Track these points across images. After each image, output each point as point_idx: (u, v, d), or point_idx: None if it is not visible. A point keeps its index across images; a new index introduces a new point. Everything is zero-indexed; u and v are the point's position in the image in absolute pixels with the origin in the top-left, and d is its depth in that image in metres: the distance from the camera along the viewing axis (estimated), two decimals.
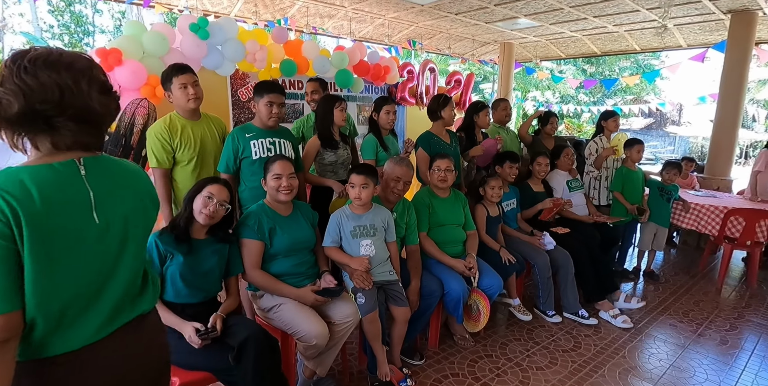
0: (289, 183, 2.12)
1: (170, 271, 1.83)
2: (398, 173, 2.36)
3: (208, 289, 1.93)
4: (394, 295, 2.29)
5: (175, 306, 1.83)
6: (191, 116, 2.49)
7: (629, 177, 3.83)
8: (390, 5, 5.02)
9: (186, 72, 2.40)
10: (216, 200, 1.87)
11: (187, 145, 2.44)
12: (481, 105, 3.52)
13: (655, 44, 6.24)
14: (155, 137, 2.37)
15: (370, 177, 2.18)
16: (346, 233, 2.23)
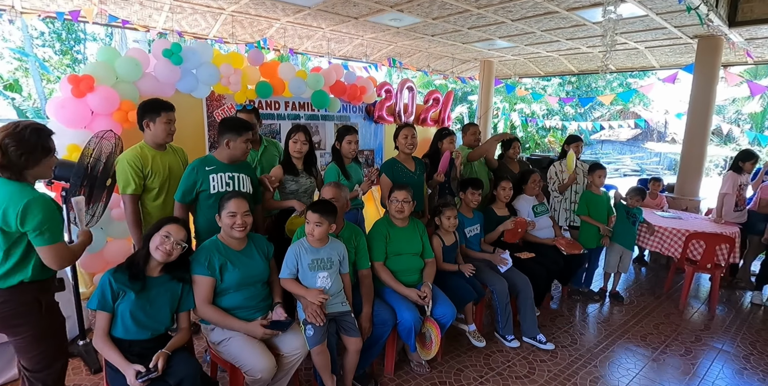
0: (244, 221, 2.18)
1: (121, 308, 1.89)
2: (325, 192, 2.46)
3: (157, 327, 1.97)
4: (345, 326, 2.35)
5: (123, 342, 1.88)
6: (159, 147, 2.63)
7: (593, 201, 3.92)
8: (366, 27, 5.13)
9: (173, 110, 2.60)
10: (173, 240, 1.93)
11: (157, 173, 2.57)
12: (446, 132, 3.60)
13: (629, 64, 6.38)
14: (128, 164, 2.48)
15: (325, 216, 2.24)
16: (303, 265, 2.29)
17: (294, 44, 5.72)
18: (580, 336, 3.31)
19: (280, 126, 5.01)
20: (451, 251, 3.12)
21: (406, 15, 4.47)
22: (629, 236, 3.96)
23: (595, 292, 4.09)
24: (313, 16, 4.69)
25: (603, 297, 4.08)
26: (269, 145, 3.30)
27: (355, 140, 3.17)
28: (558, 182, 4.08)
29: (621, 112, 18.00)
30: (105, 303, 1.86)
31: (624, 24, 4.54)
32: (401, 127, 3.20)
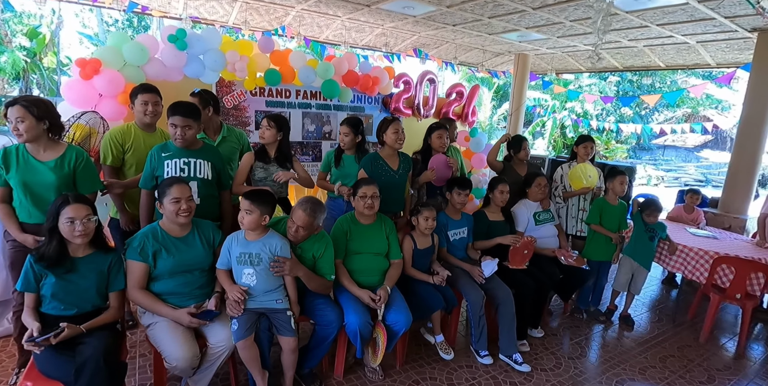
0: (189, 206, 2.13)
1: (44, 289, 1.91)
2: (295, 217, 2.26)
3: (82, 305, 1.97)
4: (278, 324, 2.23)
5: (50, 317, 1.90)
6: (146, 128, 2.79)
7: (607, 211, 3.52)
8: (384, 15, 4.93)
9: (149, 92, 2.71)
10: (79, 221, 1.89)
11: (136, 150, 2.71)
12: (434, 126, 3.36)
13: (680, 61, 5.68)
14: (110, 139, 2.68)
15: (256, 204, 2.13)
16: (232, 258, 2.20)
17: (313, 32, 5.65)
18: (567, 361, 2.98)
19: (290, 114, 4.97)
20: (425, 255, 2.90)
21: (417, 2, 4.23)
22: (645, 252, 3.52)
23: (602, 312, 3.68)
24: (325, 4, 4.58)
25: (610, 319, 3.66)
26: (229, 135, 3.20)
27: (344, 132, 3.15)
28: (562, 187, 3.69)
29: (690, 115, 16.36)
30: (29, 285, 1.90)
31: (663, 14, 4.01)
32: (390, 120, 3.01)
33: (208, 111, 3.06)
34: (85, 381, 1.71)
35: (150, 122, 2.75)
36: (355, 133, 3.09)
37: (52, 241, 1.90)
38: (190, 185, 2.57)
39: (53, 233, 1.90)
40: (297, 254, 2.36)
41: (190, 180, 2.57)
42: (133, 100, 2.72)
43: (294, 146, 5.05)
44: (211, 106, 3.10)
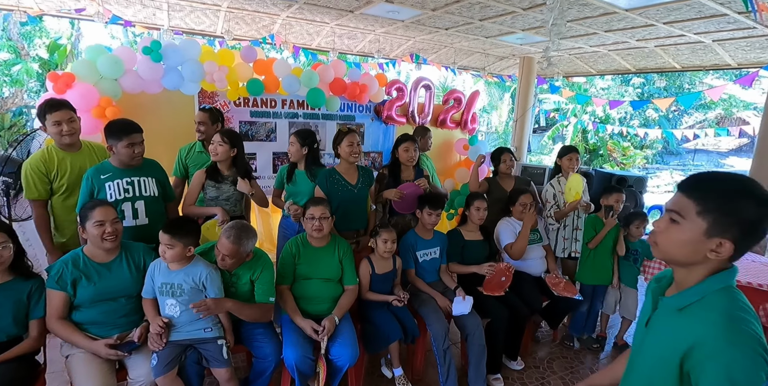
0: (115, 228, 2.01)
1: None
2: (219, 245, 2.09)
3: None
4: (208, 355, 2.06)
5: None
6: (69, 148, 2.51)
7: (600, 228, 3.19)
8: (372, 21, 4.75)
9: (60, 109, 2.42)
10: None
11: (64, 175, 2.47)
12: (401, 138, 3.14)
13: (697, 62, 5.22)
14: (32, 170, 2.40)
15: (178, 238, 1.96)
16: (155, 287, 2.04)
17: (304, 40, 5.51)
18: None
19: (275, 125, 4.85)
20: (385, 280, 2.67)
21: (400, 6, 4.02)
22: (629, 270, 3.22)
23: (596, 340, 3.34)
24: (309, 10, 4.44)
25: (602, 347, 3.32)
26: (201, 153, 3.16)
27: (290, 142, 3.03)
28: (555, 206, 3.36)
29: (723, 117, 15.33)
30: None
31: (667, 11, 3.66)
32: (344, 133, 2.82)
33: (217, 126, 3.20)
34: None
35: (70, 142, 2.47)
36: (302, 144, 2.89)
37: None
38: (136, 205, 2.48)
39: None
40: (231, 281, 2.18)
41: (136, 200, 2.46)
42: (43, 121, 2.41)
43: (281, 157, 4.92)
44: (220, 121, 3.32)
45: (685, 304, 0.96)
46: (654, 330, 1.02)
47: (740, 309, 0.91)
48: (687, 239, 0.94)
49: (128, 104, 3.96)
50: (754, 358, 0.83)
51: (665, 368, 0.93)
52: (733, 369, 0.83)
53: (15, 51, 8.93)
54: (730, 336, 0.85)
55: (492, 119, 16.17)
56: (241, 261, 2.15)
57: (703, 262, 0.95)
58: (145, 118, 4.04)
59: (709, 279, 0.95)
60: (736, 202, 0.90)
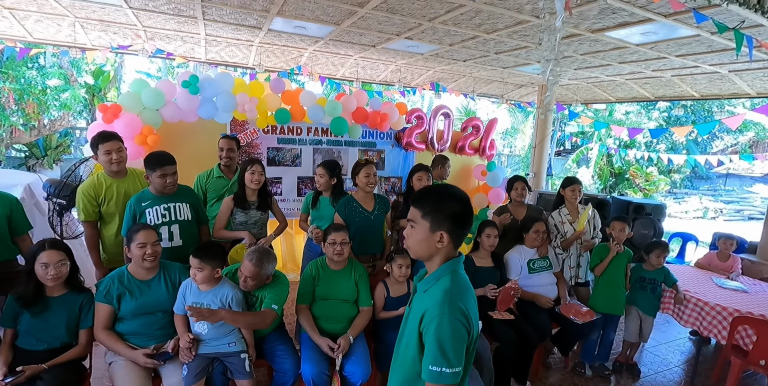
0: (154, 250, 2.24)
1: (20, 325, 2.11)
2: (243, 268, 2.30)
3: (51, 342, 2.13)
4: (232, 368, 2.25)
5: (21, 351, 2.08)
6: (116, 175, 2.79)
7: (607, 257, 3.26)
8: (392, 54, 5.03)
9: (110, 140, 2.72)
10: (51, 266, 2.05)
11: (110, 200, 2.75)
12: (416, 168, 3.32)
13: (716, 91, 5.25)
14: (84, 195, 2.69)
15: (206, 261, 2.17)
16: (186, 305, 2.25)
17: (329, 71, 5.86)
18: None
19: (301, 151, 5.13)
20: (399, 303, 2.78)
21: (418, 42, 4.29)
22: (648, 302, 3.26)
23: (608, 368, 3.35)
24: (333, 45, 4.76)
25: (635, 372, 3.32)
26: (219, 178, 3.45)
27: (319, 174, 3.18)
28: (560, 236, 3.45)
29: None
30: (6, 321, 2.11)
31: (678, 46, 3.78)
32: (361, 165, 3.03)
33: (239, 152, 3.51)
34: None
35: (118, 169, 2.75)
36: (331, 175, 3.11)
37: (29, 282, 2.08)
38: (172, 228, 2.72)
39: (30, 275, 2.08)
40: (251, 302, 2.38)
41: (172, 224, 2.71)
42: (95, 151, 2.68)
43: (305, 181, 5.18)
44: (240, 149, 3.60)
45: (427, 287, 1.29)
46: (412, 308, 1.33)
47: (457, 288, 1.24)
48: (421, 237, 1.27)
49: (167, 132, 4.32)
50: (454, 323, 1.16)
51: (414, 332, 1.24)
52: (440, 329, 1.16)
53: (65, 78, 9.68)
54: (443, 306, 1.18)
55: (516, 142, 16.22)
56: (261, 283, 2.34)
57: (437, 253, 1.29)
58: (182, 144, 4.41)
59: (442, 267, 1.28)
60: (441, 202, 1.27)
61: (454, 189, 1.31)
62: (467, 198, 1.31)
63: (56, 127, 9.75)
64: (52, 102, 9.22)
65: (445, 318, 1.16)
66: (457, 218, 1.26)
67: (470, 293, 1.28)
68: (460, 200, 1.28)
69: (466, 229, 1.29)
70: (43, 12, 4.16)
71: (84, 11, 4.10)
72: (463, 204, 1.28)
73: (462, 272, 1.31)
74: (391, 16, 3.49)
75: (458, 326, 1.16)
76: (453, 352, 1.15)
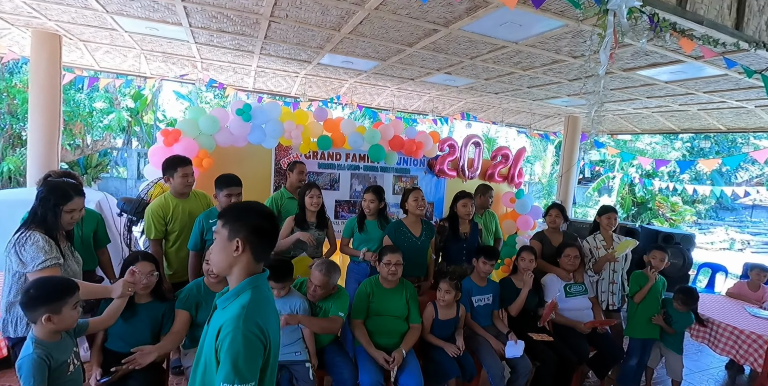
0: None
1: (110, 329, 2.31)
2: (313, 278, 2.52)
3: (136, 344, 2.28)
4: (298, 375, 2.41)
5: (111, 352, 2.30)
6: (181, 196, 3.06)
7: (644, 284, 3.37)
8: (428, 86, 5.35)
9: (189, 164, 3.00)
10: (140, 276, 2.28)
11: (176, 219, 3.00)
12: (460, 195, 3.52)
13: (742, 124, 5.42)
14: (153, 214, 2.95)
15: (284, 282, 2.43)
16: None
17: (366, 100, 6.21)
18: None
19: (339, 175, 5.39)
20: (447, 326, 2.93)
21: (455, 77, 4.59)
22: (672, 337, 3.30)
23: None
24: (374, 78, 5.09)
25: None
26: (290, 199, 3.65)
27: (370, 199, 3.34)
28: (593, 259, 3.59)
29: None
30: None
31: (705, 83, 3.99)
32: (409, 190, 3.26)
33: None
34: None
35: (186, 192, 3.02)
36: (379, 200, 3.32)
37: None
38: None
39: None
40: (316, 312, 2.57)
41: None
42: (172, 173, 2.91)
43: (342, 204, 5.42)
44: None
45: (226, 304, 1.28)
46: (210, 325, 1.32)
47: (257, 303, 1.24)
48: (220, 246, 1.30)
49: (219, 156, 4.63)
50: (248, 336, 1.15)
51: (211, 349, 1.22)
52: (234, 343, 1.15)
53: (110, 101, 10.30)
54: (238, 320, 1.18)
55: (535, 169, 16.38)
56: (327, 293, 2.54)
57: (236, 264, 1.30)
58: (231, 167, 4.67)
59: (243, 282, 1.29)
60: (240, 213, 1.31)
61: (259, 205, 1.38)
62: (271, 214, 1.36)
63: (98, 147, 10.29)
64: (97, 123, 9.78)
65: (239, 332, 1.15)
66: (256, 229, 1.29)
67: (271, 308, 1.30)
68: (262, 213, 1.33)
69: (266, 243, 1.33)
70: (114, 44, 4.60)
71: (151, 45, 4.52)
72: (264, 218, 1.32)
73: (266, 288, 1.33)
74: (435, 55, 3.80)
75: (253, 340, 1.16)
76: (246, 366, 1.14)
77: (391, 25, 3.16)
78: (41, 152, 4.45)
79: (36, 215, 2.05)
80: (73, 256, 2.19)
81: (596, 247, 3.57)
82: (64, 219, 2.12)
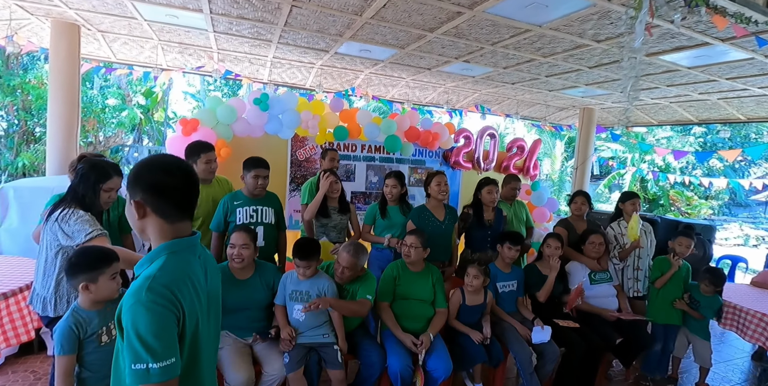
0: (240, 253, 2.41)
1: None
2: (340, 259, 2.50)
3: None
4: (326, 358, 2.40)
5: None
6: (204, 181, 3.01)
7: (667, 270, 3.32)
8: (444, 76, 5.32)
9: (212, 150, 2.98)
10: None
11: (200, 205, 2.95)
12: (484, 181, 3.48)
13: (762, 114, 5.34)
14: None
15: (311, 260, 2.41)
16: (286, 294, 2.44)
17: (380, 92, 6.18)
18: None
19: (355, 166, 5.38)
20: (474, 312, 2.90)
21: (473, 65, 4.55)
22: (697, 323, 3.25)
23: (668, 379, 3.36)
24: (390, 68, 5.07)
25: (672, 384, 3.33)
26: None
27: (392, 185, 3.31)
28: (618, 246, 3.55)
29: None
30: None
31: (730, 69, 3.93)
32: (434, 174, 3.23)
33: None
34: None
35: (209, 178, 3.00)
36: (401, 185, 3.29)
37: None
38: (257, 230, 2.94)
39: None
40: (343, 295, 2.55)
41: (257, 225, 2.93)
42: (195, 159, 2.88)
43: (358, 195, 5.41)
44: None
45: (140, 272, 1.09)
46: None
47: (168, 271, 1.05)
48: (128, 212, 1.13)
49: (237, 146, 4.63)
50: (153, 308, 0.97)
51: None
52: (136, 318, 0.96)
53: (122, 98, 10.35)
54: (138, 293, 0.99)
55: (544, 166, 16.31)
56: (355, 275, 2.52)
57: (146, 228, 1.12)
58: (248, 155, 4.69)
59: (158, 248, 1.11)
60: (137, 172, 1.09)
61: (163, 158, 1.16)
62: (177, 166, 1.13)
63: (110, 144, 10.35)
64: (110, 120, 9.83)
65: (140, 305, 0.97)
66: (154, 187, 1.09)
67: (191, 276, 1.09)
68: (161, 167, 1.11)
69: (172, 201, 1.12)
70: (132, 35, 4.61)
71: (169, 35, 4.52)
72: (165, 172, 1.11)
73: (190, 253, 1.14)
74: (456, 41, 3.77)
75: (157, 310, 0.98)
76: (159, 342, 0.96)
77: (415, 8, 3.13)
78: (60, 142, 4.47)
79: (75, 193, 2.04)
80: None
81: (621, 234, 3.52)
82: (102, 198, 2.12)
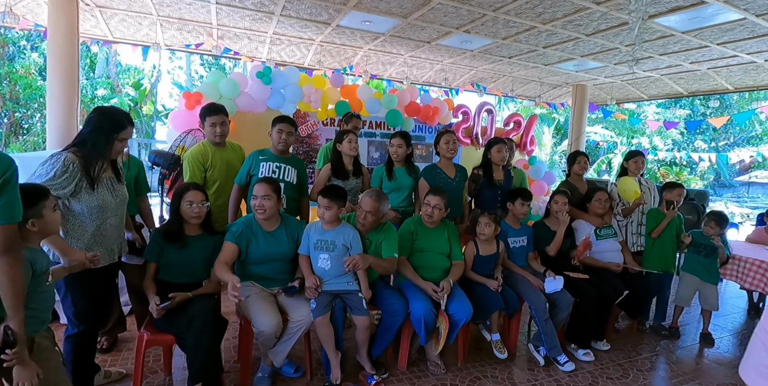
0: (262, 203, 2.43)
1: (163, 260, 2.32)
2: (363, 203, 2.55)
3: (191, 275, 2.36)
4: (352, 305, 2.46)
5: (164, 283, 2.29)
6: (218, 145, 3.06)
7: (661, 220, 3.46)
8: (442, 51, 5.39)
9: (217, 114, 2.97)
10: (195, 204, 2.30)
11: (215, 167, 3.01)
12: (493, 141, 3.56)
13: (750, 83, 5.52)
14: (192, 160, 2.95)
15: (334, 200, 2.44)
16: (310, 244, 2.49)
17: (378, 71, 6.23)
18: (636, 372, 2.87)
19: None
20: (488, 262, 2.99)
21: (473, 36, 4.62)
22: (705, 269, 3.40)
23: (665, 327, 3.51)
24: (390, 43, 5.11)
25: (674, 335, 3.47)
26: None
27: (397, 144, 3.33)
28: (621, 204, 3.67)
29: None
30: (152, 255, 2.32)
31: (722, 32, 4.08)
32: (442, 133, 3.30)
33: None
34: (197, 329, 2.05)
35: (220, 141, 3.00)
36: (407, 144, 3.32)
37: (175, 221, 2.34)
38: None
39: (176, 213, 2.34)
40: (365, 246, 2.60)
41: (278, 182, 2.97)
42: (203, 121, 2.96)
43: None
44: None
45: None
46: None
47: None
48: None
49: (240, 120, 4.65)
50: None
51: None
52: None
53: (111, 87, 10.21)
54: None
55: None
56: (377, 222, 2.58)
57: None
58: (251, 133, 4.71)
59: None
60: None
61: None
62: None
63: None
64: None
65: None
66: None
67: None
68: None
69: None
70: (131, 10, 4.57)
71: (169, 9, 4.49)
72: None
73: None
74: (459, 7, 3.83)
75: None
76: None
77: None
78: (61, 120, 4.42)
79: (84, 142, 1.94)
80: (113, 188, 2.09)
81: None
82: (116, 147, 2.08)
